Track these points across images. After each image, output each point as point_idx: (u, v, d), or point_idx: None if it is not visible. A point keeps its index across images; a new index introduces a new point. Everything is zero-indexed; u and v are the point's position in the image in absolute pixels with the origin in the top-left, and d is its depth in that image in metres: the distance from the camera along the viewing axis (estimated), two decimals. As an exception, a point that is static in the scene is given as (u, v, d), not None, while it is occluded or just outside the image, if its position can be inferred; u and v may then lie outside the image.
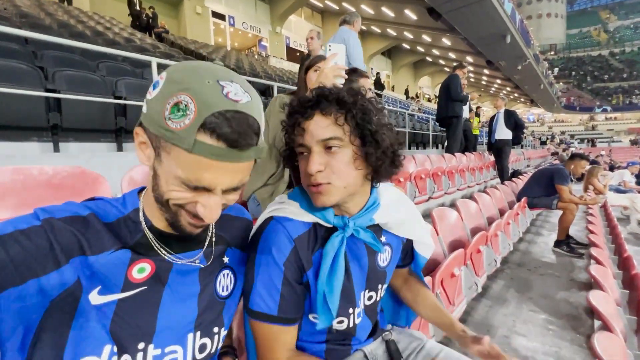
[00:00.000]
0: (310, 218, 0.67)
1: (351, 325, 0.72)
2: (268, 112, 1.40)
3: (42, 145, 2.68)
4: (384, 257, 0.77)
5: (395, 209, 0.75)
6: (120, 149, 3.07)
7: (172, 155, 0.44)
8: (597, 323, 1.86)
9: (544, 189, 3.62)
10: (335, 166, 0.61)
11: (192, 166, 0.43)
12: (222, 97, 0.42)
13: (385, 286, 0.79)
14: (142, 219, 0.52)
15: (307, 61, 1.50)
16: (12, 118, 2.46)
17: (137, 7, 9.74)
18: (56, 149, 2.68)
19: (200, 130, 0.41)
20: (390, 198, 0.76)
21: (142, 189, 0.56)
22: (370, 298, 0.76)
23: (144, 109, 0.46)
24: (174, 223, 0.50)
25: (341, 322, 0.70)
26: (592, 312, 2.05)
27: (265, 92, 5.69)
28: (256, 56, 15.16)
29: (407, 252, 0.87)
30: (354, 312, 0.71)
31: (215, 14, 14.79)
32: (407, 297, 0.90)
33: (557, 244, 3.39)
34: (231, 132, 0.42)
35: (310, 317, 0.70)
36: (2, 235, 0.40)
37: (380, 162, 0.64)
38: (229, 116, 0.42)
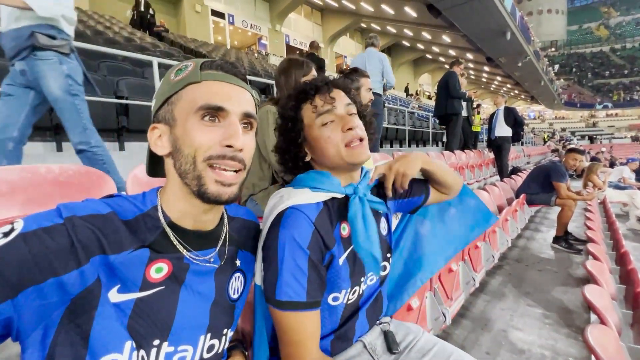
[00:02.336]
0: (321, 197, 0.71)
1: (361, 292, 0.77)
2: (260, 125, 1.36)
3: (45, 145, 2.71)
4: (383, 227, 0.84)
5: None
6: (122, 148, 3.10)
7: (184, 99, 0.52)
8: (593, 317, 1.89)
9: (541, 186, 3.65)
10: (361, 124, 0.74)
11: (205, 91, 0.52)
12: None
13: (390, 255, 0.86)
14: (160, 215, 0.54)
15: (298, 70, 1.44)
16: (15, 118, 2.49)
17: (142, 8, 9.76)
18: (59, 148, 2.71)
19: (202, 68, 0.54)
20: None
21: (159, 189, 0.58)
22: (384, 268, 0.82)
23: (153, 102, 0.57)
24: (199, 189, 0.51)
25: (354, 292, 0.75)
26: (588, 306, 2.08)
27: (265, 90, 5.70)
28: (256, 54, 15.15)
29: (421, 188, 0.93)
30: (365, 280, 0.77)
31: (215, 12, 14.77)
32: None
33: (556, 240, 3.43)
34: (224, 63, 0.56)
35: (330, 299, 0.72)
36: (25, 232, 0.41)
37: (372, 131, 0.81)
38: (219, 58, 0.59)
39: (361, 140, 0.71)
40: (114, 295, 0.46)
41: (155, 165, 0.61)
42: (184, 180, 0.52)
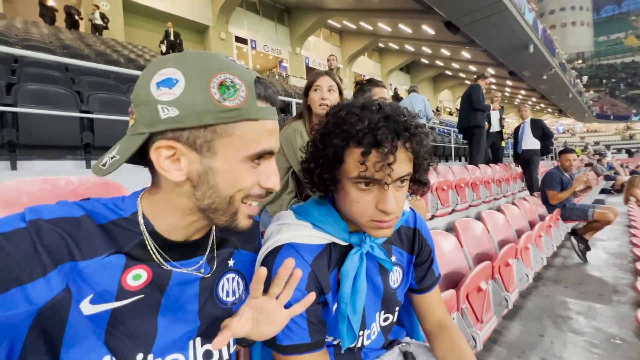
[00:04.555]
0: (323, 239, 0.65)
1: (359, 345, 0.70)
2: (287, 139, 1.35)
3: (75, 163, 2.85)
4: (395, 278, 0.75)
5: None
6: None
7: (237, 136, 0.44)
8: (649, 347, 1.66)
9: (544, 198, 3.64)
10: (401, 200, 0.59)
11: (261, 133, 0.46)
12: (243, 68, 0.47)
13: (398, 307, 0.77)
14: (141, 222, 0.49)
15: (308, 81, 1.44)
16: (50, 138, 2.66)
17: (172, 38, 10.50)
18: (88, 166, 2.84)
19: (257, 97, 0.46)
20: None
21: (142, 191, 0.53)
22: (386, 319, 0.75)
23: (173, 113, 0.42)
24: (230, 224, 0.49)
25: None
26: (643, 334, 1.84)
27: (284, 109, 5.86)
28: (277, 76, 15.69)
29: (424, 273, 0.78)
30: (363, 335, 0.70)
31: (238, 39, 15.56)
32: (440, 348, 0.74)
33: (575, 235, 3.31)
34: (272, 92, 0.48)
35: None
36: None
37: (424, 190, 0.67)
38: (262, 81, 0.47)
39: (394, 220, 0.59)
40: (87, 307, 0.42)
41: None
42: (212, 215, 0.48)
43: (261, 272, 0.50)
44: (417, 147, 0.58)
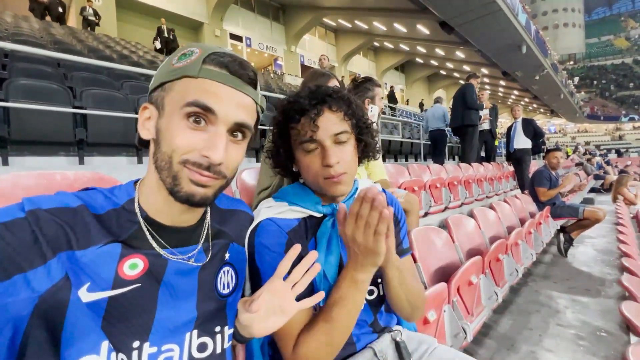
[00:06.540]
0: (298, 214, 0.72)
1: None
2: None
3: (68, 159, 2.83)
4: None
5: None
6: (140, 161, 3.20)
7: (176, 91, 0.48)
8: (633, 339, 1.72)
9: (534, 195, 3.76)
10: (346, 157, 0.67)
11: (199, 88, 0.47)
12: (224, 49, 0.51)
13: (381, 280, 0.78)
14: (137, 209, 0.50)
15: (311, 82, 1.45)
16: (43, 134, 2.63)
17: (166, 34, 10.37)
18: (81, 162, 2.82)
19: (205, 62, 0.48)
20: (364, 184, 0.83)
21: (137, 181, 0.55)
22: (371, 292, 0.76)
23: (151, 83, 0.52)
24: (173, 188, 0.48)
25: None
26: (627, 327, 1.90)
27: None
28: (272, 75, 15.63)
29: (397, 242, 0.81)
30: None
31: (233, 36, 15.45)
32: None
33: (564, 232, 3.41)
34: (232, 61, 0.49)
35: None
36: None
37: (373, 150, 0.75)
38: (229, 53, 0.50)
39: (339, 175, 0.66)
40: (85, 295, 0.43)
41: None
42: (160, 175, 0.49)
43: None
44: (345, 107, 0.67)
